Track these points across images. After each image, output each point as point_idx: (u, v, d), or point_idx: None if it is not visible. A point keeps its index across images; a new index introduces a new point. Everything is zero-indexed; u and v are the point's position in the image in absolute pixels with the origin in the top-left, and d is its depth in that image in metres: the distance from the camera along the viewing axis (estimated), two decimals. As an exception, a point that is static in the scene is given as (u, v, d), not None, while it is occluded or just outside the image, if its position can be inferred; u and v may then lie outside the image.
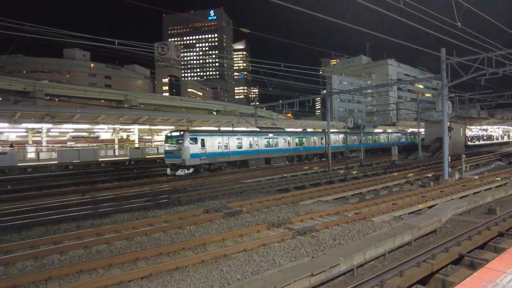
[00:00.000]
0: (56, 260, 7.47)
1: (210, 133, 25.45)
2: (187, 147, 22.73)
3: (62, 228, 10.15)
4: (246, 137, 27.63)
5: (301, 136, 34.17)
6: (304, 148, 33.91)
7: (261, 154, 28.86)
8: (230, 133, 26.82)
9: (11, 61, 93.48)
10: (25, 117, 28.03)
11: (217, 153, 24.96)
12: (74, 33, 17.42)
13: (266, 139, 29.49)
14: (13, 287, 6.00)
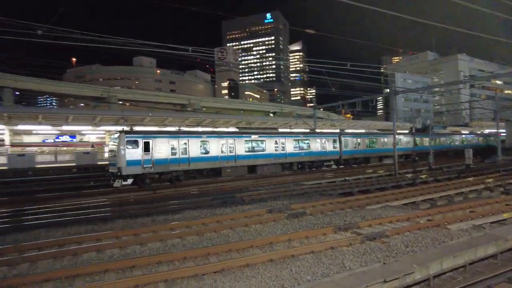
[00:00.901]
0: (138, 251, 8.17)
1: (159, 134, 20.64)
2: (124, 152, 18.30)
3: (139, 222, 11.07)
4: (216, 139, 22.24)
5: (302, 139, 27.52)
6: (307, 153, 27.48)
7: (240, 161, 23.25)
8: (190, 134, 21.83)
9: (89, 71, 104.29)
10: (104, 120, 31.14)
11: (170, 159, 19.83)
12: (143, 41, 18.90)
13: (248, 141, 23.97)
14: (105, 271, 6.72)
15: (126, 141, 18.54)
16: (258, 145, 24.57)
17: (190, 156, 20.72)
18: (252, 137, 24.45)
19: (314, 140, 28.03)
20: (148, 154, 18.97)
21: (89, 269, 6.72)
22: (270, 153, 24.97)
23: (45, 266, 7.31)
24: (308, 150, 27.52)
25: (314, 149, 27.87)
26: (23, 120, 28.24)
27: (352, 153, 31.11)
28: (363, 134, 34.94)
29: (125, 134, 18.77)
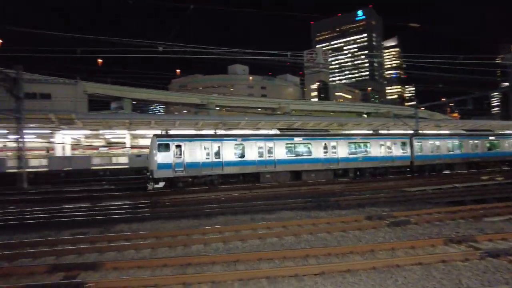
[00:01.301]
0: (240, 247, 8.68)
1: (191, 137, 20.41)
2: (155, 155, 18.69)
3: (239, 219, 11.74)
4: (252, 142, 21.03)
5: (359, 142, 24.39)
6: (366, 158, 24.26)
7: (281, 166, 21.53)
8: (224, 137, 21.01)
9: (191, 80, 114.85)
10: (205, 125, 34.04)
11: (202, 163, 19.59)
12: (237, 50, 19.97)
13: (290, 145, 22.07)
14: (212, 263, 7.32)
15: (158, 144, 18.90)
16: (302, 148, 22.52)
17: (224, 160, 20.09)
18: (295, 139, 22.40)
19: (375, 143, 24.54)
20: (179, 157, 19.04)
21: (199, 260, 7.40)
22: (317, 158, 22.56)
23: (163, 253, 8.32)
24: (367, 155, 24.22)
25: (375, 153, 24.38)
26: (140, 125, 32.73)
27: (428, 158, 26.31)
28: (446, 136, 29.54)
29: (156, 137, 19.23)
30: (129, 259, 7.73)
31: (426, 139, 26.86)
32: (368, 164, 24.18)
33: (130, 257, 8.07)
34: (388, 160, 24.89)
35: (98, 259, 7.93)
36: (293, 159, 21.95)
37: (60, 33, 13.82)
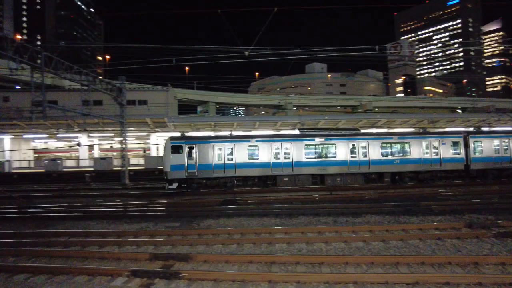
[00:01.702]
0: (323, 249, 8.52)
1: (203, 139, 20.61)
2: (169, 157, 19.30)
3: (321, 221, 11.53)
4: (267, 143, 20.12)
5: (396, 142, 21.27)
6: (405, 161, 21.02)
7: (299, 169, 20.15)
8: (237, 139, 20.50)
9: (268, 82, 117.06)
10: (283, 125, 34.35)
11: (215, 165, 19.63)
12: (318, 48, 19.56)
13: (310, 146, 20.44)
14: (296, 262, 7.32)
15: (171, 146, 19.36)
16: (324, 150, 20.69)
17: (237, 162, 19.78)
18: (316, 140, 20.57)
19: (415, 144, 21.09)
20: (192, 159, 19.29)
21: (284, 259, 7.48)
22: (342, 160, 20.40)
23: (248, 249, 8.62)
24: (406, 157, 20.94)
25: (416, 155, 20.98)
26: (223, 127, 34.54)
27: (491, 161, 21.79)
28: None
29: (170, 140, 19.71)
30: (217, 253, 8.19)
31: (488, 137, 22.15)
32: (406, 167, 21.02)
33: (218, 251, 8.55)
34: (434, 163, 21.07)
35: (189, 251, 8.59)
36: (314, 161, 20.41)
37: (157, 45, 15.41)
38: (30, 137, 38.32)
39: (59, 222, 12.55)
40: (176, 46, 14.77)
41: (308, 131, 22.16)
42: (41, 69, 18.03)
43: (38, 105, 18.67)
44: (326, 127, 31.11)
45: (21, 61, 16.35)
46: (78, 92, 24.95)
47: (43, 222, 12.55)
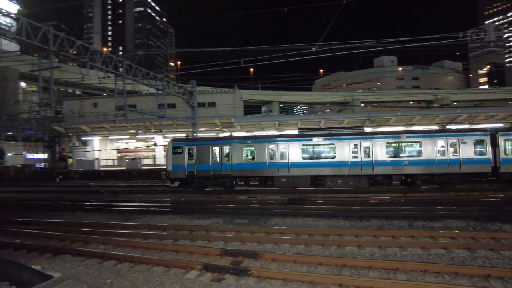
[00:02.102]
0: (398, 254, 7.96)
1: (202, 141, 21.85)
2: (170, 157, 20.69)
3: (396, 224, 10.80)
4: (263, 144, 20.06)
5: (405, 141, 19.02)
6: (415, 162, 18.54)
7: (295, 170, 19.53)
8: (234, 140, 21.17)
9: (334, 79, 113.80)
10: (350, 122, 33.12)
11: (212, 165, 20.33)
12: (387, 40, 18.28)
13: (308, 146, 19.59)
14: (369, 267, 6.94)
15: (172, 147, 20.63)
16: (322, 150, 19.85)
17: (233, 163, 20.16)
18: (314, 140, 19.72)
19: (428, 143, 18.64)
20: (191, 159, 20.37)
21: (355, 263, 7.15)
22: (342, 161, 19.14)
23: (316, 250, 8.44)
24: (417, 158, 18.68)
25: (429, 156, 18.48)
26: (288, 126, 34.55)
27: None
28: None
29: (172, 142, 21.15)
30: (286, 253, 8.17)
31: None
32: (417, 169, 18.73)
33: (286, 250, 8.52)
34: (449, 164, 18.42)
35: (257, 248, 8.71)
36: (311, 162, 19.66)
37: (224, 48, 15.91)
38: (114, 138, 42.77)
39: (138, 216, 13.74)
40: (244, 48, 15.13)
41: (307, 131, 21.70)
42: (123, 76, 19.94)
43: (121, 109, 20.72)
44: (327, 126, 30.33)
45: (107, 70, 18.28)
46: (154, 96, 27.05)
47: (126, 215, 13.88)
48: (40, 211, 15.49)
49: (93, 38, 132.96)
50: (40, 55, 17.23)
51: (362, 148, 19.13)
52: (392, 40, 16.47)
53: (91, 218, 13.36)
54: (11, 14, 12.99)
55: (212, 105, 43.14)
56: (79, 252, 8.63)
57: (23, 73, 45.67)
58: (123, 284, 6.47)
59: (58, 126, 38.74)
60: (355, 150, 19.19)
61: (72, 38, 15.66)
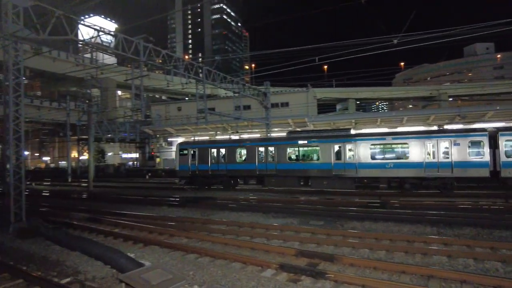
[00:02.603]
0: (499, 268, 6.95)
1: (203, 144, 25.11)
2: (177, 158, 24.00)
3: (496, 234, 9.47)
4: (254, 146, 21.92)
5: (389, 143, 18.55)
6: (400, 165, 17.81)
7: (281, 171, 20.81)
8: (229, 143, 23.96)
9: (416, 72, 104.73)
10: (437, 119, 30.08)
11: (210, 165, 23.07)
12: (481, 24, 16.04)
13: (293, 148, 20.88)
14: (462, 281, 6.20)
15: (179, 149, 23.87)
16: (307, 152, 20.74)
17: (227, 163, 22.53)
18: (300, 142, 20.68)
19: (416, 144, 17.65)
20: (194, 160, 23.24)
21: (444, 274, 6.45)
22: (325, 163, 19.52)
23: (399, 257, 7.84)
24: (403, 160, 17.81)
25: (418, 158, 17.43)
26: (366, 124, 32.89)
27: None
28: None
29: (179, 145, 24.40)
30: (365, 258, 7.77)
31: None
32: (404, 172, 17.73)
33: (365, 255, 8.11)
34: (440, 168, 16.95)
35: (334, 251, 8.45)
36: (297, 163, 20.60)
37: (297, 48, 15.89)
38: (196, 139, 45.80)
39: (217, 212, 14.48)
40: (317, 45, 14.75)
41: (295, 133, 23.12)
42: (203, 81, 21.24)
43: (202, 112, 22.14)
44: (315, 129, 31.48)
45: (189, 76, 19.67)
46: (231, 99, 28.23)
47: (205, 211, 14.74)
48: (133, 205, 17.37)
49: (175, 47, 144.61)
50: (133, 66, 19.36)
51: (345, 150, 19.16)
52: (488, 24, 14.36)
53: (175, 213, 14.53)
54: (111, 32, 14.85)
55: (285, 105, 43.32)
56: (165, 244, 9.43)
57: (119, 82, 51.72)
58: (204, 278, 6.86)
59: (148, 128, 43.02)
60: (339, 152, 19.30)
61: (158, 48, 17.21)
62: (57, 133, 55.59)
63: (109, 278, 6.85)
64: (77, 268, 7.50)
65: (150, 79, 50.17)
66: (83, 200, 21.23)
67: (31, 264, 7.96)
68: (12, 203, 11.42)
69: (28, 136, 58.53)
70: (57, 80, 51.71)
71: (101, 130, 30.51)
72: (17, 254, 8.76)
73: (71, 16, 12.92)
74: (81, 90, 53.18)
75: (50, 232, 10.26)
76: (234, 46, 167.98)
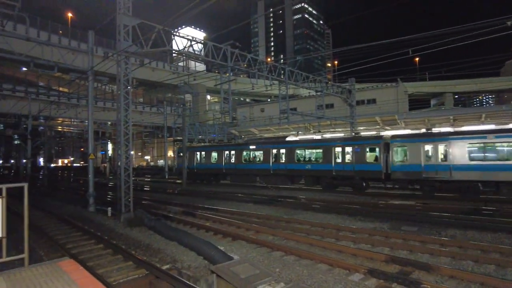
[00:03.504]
0: None
1: (193, 148, 31.99)
2: (176, 159, 34.53)
3: None
4: (221, 151, 28.87)
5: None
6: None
7: (238, 170, 27.38)
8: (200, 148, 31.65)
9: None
10: None
11: (195, 165, 31.00)
12: None
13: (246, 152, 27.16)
14: None
15: (177, 152, 31.41)
16: (255, 156, 26.63)
17: (211, 163, 29.37)
18: (250, 147, 27.02)
19: (327, 150, 21.45)
20: (190, 161, 30.75)
21: None
22: (267, 164, 25.12)
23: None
24: (317, 162, 22.24)
25: (324, 161, 21.57)
26: (468, 120, 29.06)
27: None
28: None
29: (177, 148, 31.01)
30: (469, 271, 6.91)
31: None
32: (316, 172, 22.27)
33: (469, 268, 7.21)
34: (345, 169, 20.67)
35: (429, 261, 7.71)
36: (250, 164, 26.56)
37: (383, 41, 14.84)
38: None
39: (301, 212, 14.46)
40: (404, 37, 13.39)
41: (252, 140, 29.55)
42: (285, 82, 21.45)
43: (284, 113, 22.35)
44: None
45: (272, 78, 20.07)
46: (313, 98, 27.90)
47: (289, 210, 14.85)
48: (221, 201, 18.46)
49: (258, 50, 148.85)
50: (221, 71, 20.57)
51: (273, 153, 24.60)
52: None
53: (260, 210, 14.98)
54: (201, 41, 16.06)
55: (372, 102, 40.93)
56: (252, 240, 9.80)
57: (209, 87, 55.43)
58: (290, 276, 6.94)
59: (234, 129, 45.21)
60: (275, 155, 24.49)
61: (244, 53, 17.96)
62: (156, 135, 62.29)
63: (201, 268, 7.41)
64: (174, 257, 8.30)
65: (236, 83, 52.66)
66: (177, 195, 23.35)
67: (138, 249, 9.09)
68: (123, 195, 13.21)
69: (133, 137, 67.04)
70: (156, 88, 57.91)
71: (193, 132, 33.17)
72: (127, 241, 10.10)
73: (168, 29, 14.36)
74: (175, 96, 58.61)
75: (152, 222, 11.57)
76: (316, 45, 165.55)
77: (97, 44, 34.84)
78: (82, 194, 21.76)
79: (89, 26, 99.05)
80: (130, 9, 13.24)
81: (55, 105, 32.15)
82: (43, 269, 3.77)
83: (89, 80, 16.52)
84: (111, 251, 9.02)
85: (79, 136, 66.04)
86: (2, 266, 5.17)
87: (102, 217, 14.05)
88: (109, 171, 50.64)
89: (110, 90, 42.89)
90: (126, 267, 7.72)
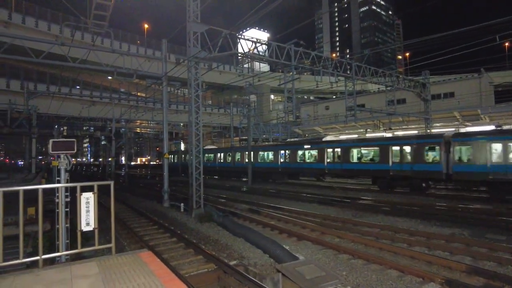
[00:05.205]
0: None
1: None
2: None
3: None
4: (217, 153, 37.48)
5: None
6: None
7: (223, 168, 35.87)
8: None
9: None
10: None
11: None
12: None
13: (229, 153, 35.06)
14: None
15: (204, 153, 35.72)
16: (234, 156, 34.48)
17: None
18: (236, 151, 34.14)
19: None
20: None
21: None
22: (243, 163, 32.17)
23: None
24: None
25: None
26: None
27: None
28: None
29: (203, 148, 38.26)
30: None
31: None
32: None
33: None
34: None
35: (524, 275, 6.80)
36: (238, 162, 33.38)
37: (463, 29, 13.29)
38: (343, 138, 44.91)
39: (369, 214, 13.82)
40: (488, 23, 11.68)
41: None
42: (352, 78, 20.67)
43: (351, 110, 21.56)
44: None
45: (338, 74, 19.52)
46: (383, 93, 26.44)
47: (356, 212, 14.30)
48: (286, 200, 18.51)
49: (323, 46, 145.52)
50: (285, 70, 20.63)
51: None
52: None
53: (324, 211, 14.68)
54: (265, 42, 16.33)
55: (450, 95, 37.24)
56: (318, 241, 9.68)
57: (273, 87, 55.91)
58: (357, 280, 6.71)
59: (298, 128, 44.94)
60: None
61: (308, 51, 17.78)
62: (223, 135, 64.87)
63: (267, 266, 7.56)
64: (241, 253, 8.59)
65: (300, 81, 52.22)
66: (244, 192, 24.03)
67: (207, 244, 9.61)
68: (194, 193, 14.06)
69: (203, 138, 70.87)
70: (223, 90, 60.29)
71: (257, 131, 33.86)
72: (198, 235, 10.73)
73: (234, 33, 14.87)
74: (241, 97, 60.32)
75: (220, 219, 12.12)
76: (385, 37, 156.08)
77: (169, 51, 37.50)
78: (157, 190, 23.68)
79: (162, 34, 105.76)
80: (199, 16, 14.00)
81: (134, 109, 35.51)
82: (127, 258, 4.23)
83: (164, 85, 17.89)
84: (183, 244, 9.68)
85: (155, 136, 71.93)
86: (95, 252, 5.94)
87: (176, 212, 15.12)
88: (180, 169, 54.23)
89: (182, 93, 45.87)
90: (197, 261, 8.22)
